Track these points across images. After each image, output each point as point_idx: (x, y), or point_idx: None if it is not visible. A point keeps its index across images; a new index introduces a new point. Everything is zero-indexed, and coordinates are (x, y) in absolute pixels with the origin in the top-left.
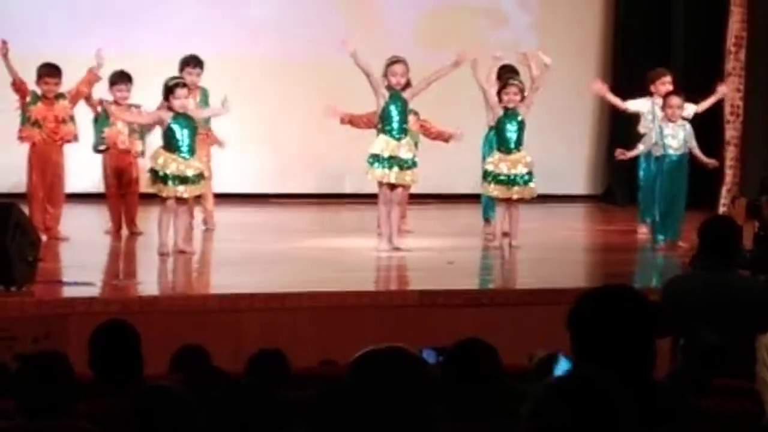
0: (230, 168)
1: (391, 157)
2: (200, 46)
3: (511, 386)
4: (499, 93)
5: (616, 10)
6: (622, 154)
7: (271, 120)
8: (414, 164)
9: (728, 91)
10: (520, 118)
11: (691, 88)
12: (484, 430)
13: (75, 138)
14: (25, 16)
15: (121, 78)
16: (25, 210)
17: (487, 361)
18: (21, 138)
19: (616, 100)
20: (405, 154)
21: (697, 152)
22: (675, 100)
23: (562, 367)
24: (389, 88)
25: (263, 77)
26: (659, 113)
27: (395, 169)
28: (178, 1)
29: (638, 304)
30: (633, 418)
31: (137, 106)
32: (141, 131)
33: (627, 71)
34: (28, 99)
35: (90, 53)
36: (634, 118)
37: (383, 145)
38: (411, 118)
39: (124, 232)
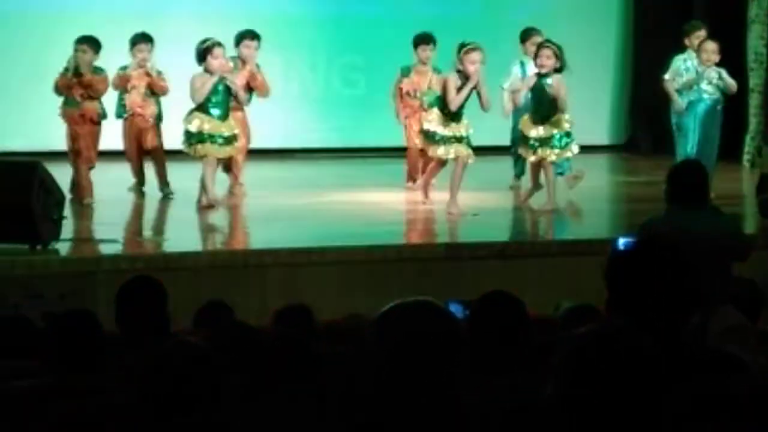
0: (254, 124)
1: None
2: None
3: (539, 338)
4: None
5: None
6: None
7: (294, 75)
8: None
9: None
10: (550, 91)
11: (713, 35)
12: (511, 382)
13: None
14: None
15: (142, 39)
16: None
17: (513, 313)
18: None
19: (674, 97)
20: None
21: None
22: (710, 45)
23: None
24: (461, 74)
25: (284, 32)
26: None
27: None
28: None
29: (674, 258)
30: (663, 370)
31: (159, 73)
32: (157, 95)
33: (650, 15)
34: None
35: (104, 8)
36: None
37: (441, 121)
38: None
39: (148, 189)
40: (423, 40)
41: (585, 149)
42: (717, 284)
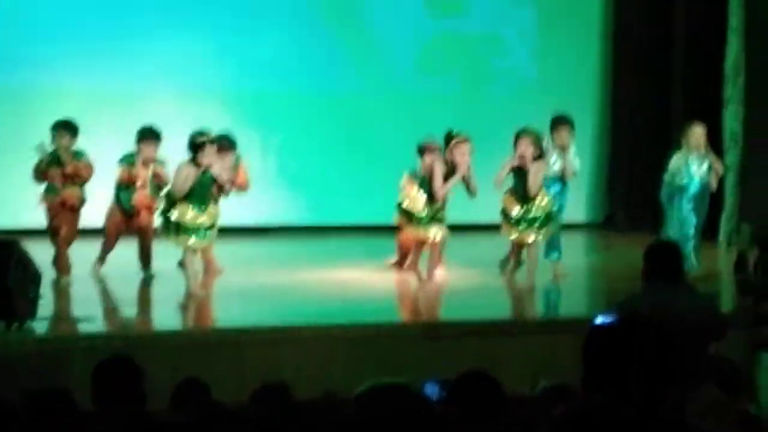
0: (232, 202)
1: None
2: (202, 78)
3: (517, 417)
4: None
5: (615, 39)
6: None
7: (271, 152)
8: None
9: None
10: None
11: (691, 115)
12: None
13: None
14: (20, 49)
15: (150, 135)
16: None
17: (489, 393)
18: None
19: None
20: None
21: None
22: (698, 129)
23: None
24: (447, 163)
25: (261, 109)
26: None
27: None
28: (180, 34)
29: (654, 334)
30: None
31: (161, 163)
32: (158, 189)
33: (626, 97)
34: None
35: (87, 86)
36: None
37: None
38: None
39: (124, 268)
40: (427, 149)
41: (563, 227)
42: (695, 362)
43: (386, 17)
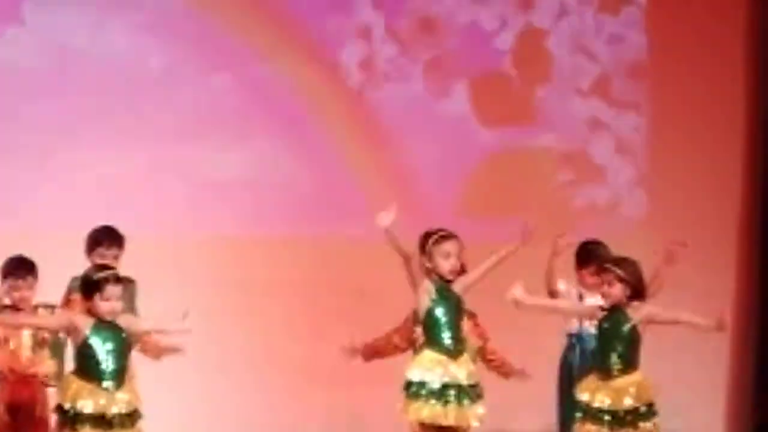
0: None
1: (445, 386)
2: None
3: None
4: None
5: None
6: None
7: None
8: (478, 395)
9: None
10: (628, 325)
11: None
12: None
13: None
14: None
15: (18, 269)
16: None
17: None
18: None
19: None
20: (465, 378)
21: None
22: None
23: None
24: (435, 278)
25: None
26: None
27: (452, 403)
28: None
29: None
30: None
31: (51, 306)
32: (53, 345)
33: None
34: None
35: None
36: None
37: (430, 366)
38: (466, 322)
39: None
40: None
41: None
42: None
43: None
